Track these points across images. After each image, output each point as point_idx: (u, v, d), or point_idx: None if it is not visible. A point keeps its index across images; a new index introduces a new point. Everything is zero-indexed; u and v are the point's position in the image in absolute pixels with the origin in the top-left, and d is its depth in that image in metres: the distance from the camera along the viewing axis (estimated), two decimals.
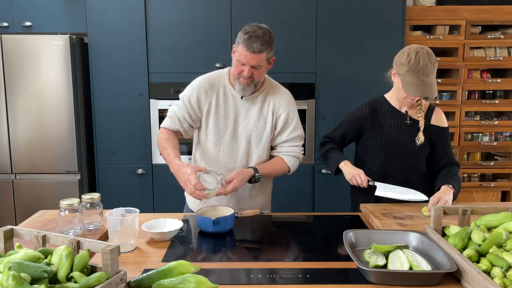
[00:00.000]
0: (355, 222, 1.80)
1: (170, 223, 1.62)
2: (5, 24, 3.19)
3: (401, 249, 1.35)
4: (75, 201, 1.52)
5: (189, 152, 2.32)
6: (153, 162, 3.23)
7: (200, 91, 1.87)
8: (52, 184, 3.17)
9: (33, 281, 0.99)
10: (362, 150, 2.06)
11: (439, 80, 3.37)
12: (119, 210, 1.50)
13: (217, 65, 3.11)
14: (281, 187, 3.27)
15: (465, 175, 3.50)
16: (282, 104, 1.90)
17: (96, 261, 1.19)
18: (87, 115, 3.28)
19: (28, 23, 3.17)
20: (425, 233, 1.45)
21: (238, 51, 1.74)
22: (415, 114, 1.96)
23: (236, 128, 1.89)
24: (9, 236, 1.21)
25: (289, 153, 1.94)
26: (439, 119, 2.00)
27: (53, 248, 1.13)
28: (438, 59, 3.27)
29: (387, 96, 2.02)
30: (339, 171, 1.99)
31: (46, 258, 1.10)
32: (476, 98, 3.47)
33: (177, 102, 1.93)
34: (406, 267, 1.25)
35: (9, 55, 3.04)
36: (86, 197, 1.58)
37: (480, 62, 3.36)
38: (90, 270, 1.12)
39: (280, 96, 1.91)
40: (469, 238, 1.33)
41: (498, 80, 3.38)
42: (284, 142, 1.94)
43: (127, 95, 3.18)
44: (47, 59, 3.04)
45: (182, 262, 1.15)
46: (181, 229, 1.63)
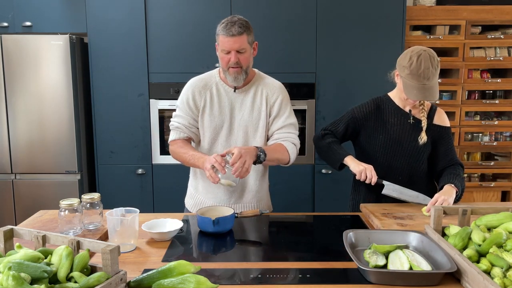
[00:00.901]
0: (355, 222, 1.80)
1: (170, 223, 1.62)
2: (5, 24, 3.19)
3: (401, 249, 1.35)
4: (75, 201, 1.52)
5: None
6: (153, 162, 3.23)
7: (194, 91, 1.92)
8: (52, 184, 3.17)
9: (33, 281, 0.99)
10: (362, 149, 2.05)
11: (439, 80, 3.37)
12: (119, 210, 1.50)
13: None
14: (281, 187, 3.27)
15: (465, 175, 3.49)
16: (275, 92, 1.94)
17: (96, 261, 1.19)
18: (87, 115, 3.28)
19: (28, 23, 3.18)
20: (425, 233, 1.45)
21: (220, 41, 1.80)
22: (418, 114, 1.96)
23: (232, 122, 1.91)
24: (9, 236, 1.21)
25: (287, 139, 1.92)
26: (441, 119, 2.00)
27: (53, 248, 1.13)
28: (438, 59, 3.31)
29: (391, 95, 2.02)
30: (343, 166, 1.96)
31: (46, 258, 1.10)
32: (476, 98, 3.47)
33: (176, 113, 1.96)
34: (406, 267, 1.25)
35: (9, 55, 3.04)
36: (86, 197, 1.58)
37: (480, 62, 3.36)
38: (90, 270, 1.12)
39: (272, 85, 1.95)
40: (469, 238, 1.33)
41: (498, 80, 3.39)
42: (281, 129, 1.93)
43: (127, 95, 3.18)
44: (47, 59, 3.04)
45: (182, 262, 1.15)
46: (181, 229, 1.63)
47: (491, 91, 3.49)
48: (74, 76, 3.10)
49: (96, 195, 1.59)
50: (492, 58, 3.35)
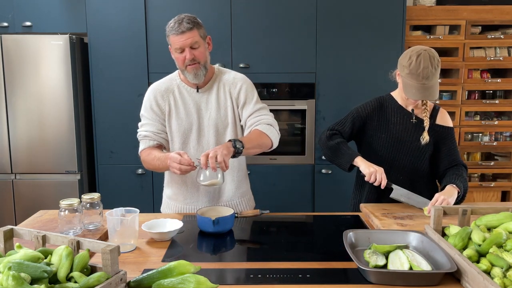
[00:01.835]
0: (355, 222, 1.80)
1: (170, 223, 1.62)
2: (5, 24, 3.19)
3: (401, 249, 1.35)
4: (75, 201, 1.52)
5: None
6: None
7: (156, 95, 1.88)
8: (52, 184, 3.17)
9: (33, 281, 0.99)
10: (365, 148, 2.05)
11: (439, 80, 3.37)
12: (119, 210, 1.50)
13: (217, 65, 3.10)
14: (281, 187, 3.28)
15: None
16: (237, 82, 1.90)
17: (96, 261, 1.19)
18: (87, 115, 3.28)
19: (28, 23, 3.18)
20: (425, 233, 1.45)
21: (172, 41, 1.77)
22: (421, 113, 1.96)
23: (201, 123, 1.87)
24: (9, 236, 1.21)
25: (260, 121, 1.86)
26: (444, 119, 2.00)
27: (53, 248, 1.13)
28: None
29: (394, 94, 2.02)
30: (352, 167, 1.92)
31: (46, 258, 1.10)
32: (476, 98, 3.47)
33: (141, 122, 1.91)
34: (406, 267, 1.25)
35: (9, 55, 3.04)
36: (86, 197, 1.58)
37: (480, 62, 3.36)
38: (90, 270, 1.12)
39: (233, 77, 1.91)
40: (469, 238, 1.33)
41: (498, 80, 3.39)
42: (252, 114, 1.88)
43: (127, 95, 3.18)
44: (47, 59, 3.04)
45: (182, 262, 1.15)
46: (181, 229, 1.63)
47: (491, 91, 3.49)
48: (74, 76, 3.10)
49: (96, 195, 1.59)
50: (492, 58, 3.35)
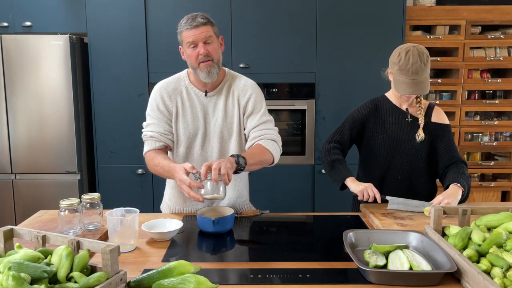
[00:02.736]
0: (355, 222, 1.80)
1: (170, 223, 1.62)
2: (5, 24, 3.19)
3: (401, 249, 1.35)
4: (75, 201, 1.52)
5: None
6: None
7: (163, 95, 1.80)
8: (52, 184, 3.17)
9: (33, 281, 0.99)
10: (364, 150, 2.07)
11: (439, 80, 3.38)
12: (119, 210, 1.50)
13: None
14: (281, 187, 3.28)
15: None
16: (247, 90, 1.83)
17: (96, 261, 1.19)
18: (87, 115, 3.28)
19: (28, 23, 3.18)
20: (425, 233, 1.45)
21: (185, 37, 1.72)
22: (416, 112, 1.98)
23: (207, 128, 1.82)
24: (9, 236, 1.21)
25: (265, 136, 1.80)
26: (440, 117, 2.00)
27: (53, 248, 1.13)
28: (438, 59, 3.32)
29: (388, 95, 2.04)
30: (345, 187, 1.95)
31: (46, 258, 1.10)
32: (476, 98, 3.47)
33: (147, 122, 1.83)
34: (406, 267, 1.25)
35: (9, 55, 3.04)
36: (86, 197, 1.57)
37: (480, 62, 3.37)
38: (90, 270, 1.12)
39: (243, 84, 1.85)
40: (469, 238, 1.33)
41: (498, 80, 3.39)
42: (257, 127, 1.81)
43: (127, 95, 3.18)
44: (47, 59, 3.04)
45: (182, 262, 1.15)
46: (181, 229, 1.63)
47: (491, 91, 3.49)
48: (74, 76, 3.10)
49: (96, 195, 1.59)
50: (492, 58, 3.35)
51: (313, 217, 2.05)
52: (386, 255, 1.33)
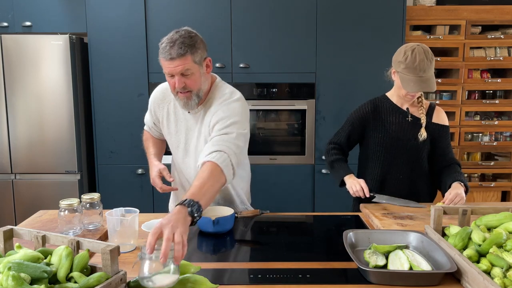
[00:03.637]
0: (355, 222, 1.80)
1: None
2: (5, 24, 3.19)
3: (401, 249, 1.35)
4: (75, 201, 1.52)
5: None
6: None
7: (155, 102, 1.85)
8: (52, 184, 3.17)
9: (33, 281, 0.99)
10: (365, 150, 2.07)
11: (439, 80, 3.37)
12: (119, 210, 1.50)
13: (217, 65, 3.11)
14: (281, 187, 3.28)
15: (465, 175, 3.48)
16: (216, 112, 1.63)
17: (96, 261, 1.19)
18: (87, 115, 3.28)
19: (28, 23, 3.17)
20: (425, 233, 1.45)
21: (162, 64, 1.59)
22: (417, 112, 1.99)
23: (188, 143, 1.78)
24: (9, 236, 1.21)
25: (214, 146, 1.51)
26: (440, 118, 2.02)
27: (53, 248, 1.13)
28: (438, 59, 3.32)
29: (388, 95, 2.05)
30: (344, 184, 1.98)
31: (46, 258, 1.10)
32: (476, 98, 3.47)
33: (147, 112, 1.95)
34: (406, 267, 1.25)
35: (9, 55, 3.04)
36: (86, 197, 1.58)
37: (480, 62, 3.36)
38: (90, 270, 1.12)
39: (217, 101, 1.67)
40: (469, 238, 1.33)
41: (498, 80, 3.38)
42: (214, 138, 1.59)
43: (127, 95, 3.18)
44: (47, 59, 3.04)
45: (182, 262, 1.15)
46: None
47: (491, 91, 3.49)
48: (74, 76, 3.10)
49: (96, 195, 1.59)
50: (492, 58, 3.35)
51: (313, 217, 2.05)
52: (386, 255, 1.33)
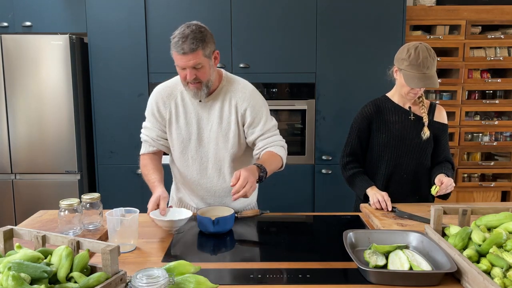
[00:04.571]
0: (355, 222, 1.80)
1: (179, 212, 1.65)
2: (5, 24, 3.19)
3: (401, 249, 1.35)
4: (75, 201, 1.52)
5: None
6: None
7: (158, 101, 1.81)
8: (52, 184, 3.17)
9: (33, 281, 0.99)
10: (371, 151, 2.07)
11: (439, 80, 3.36)
12: (119, 210, 1.50)
13: (217, 65, 3.11)
14: (281, 187, 3.27)
15: (465, 175, 3.49)
16: (245, 99, 1.78)
17: (96, 261, 1.19)
18: (87, 115, 3.28)
19: (28, 23, 3.18)
20: (425, 233, 1.45)
21: (174, 58, 1.66)
22: (418, 111, 2.00)
23: (201, 134, 1.80)
24: (9, 236, 1.21)
25: (273, 143, 1.80)
26: (441, 116, 2.05)
27: (53, 248, 1.13)
28: (438, 59, 3.29)
29: (389, 95, 2.06)
30: (367, 197, 1.96)
31: (46, 258, 1.10)
32: (476, 98, 3.47)
33: (144, 124, 1.87)
34: (406, 267, 1.25)
35: (9, 55, 3.04)
36: (86, 197, 1.58)
37: (480, 62, 3.37)
38: (90, 270, 1.12)
39: (241, 91, 1.80)
40: (469, 238, 1.33)
41: (498, 80, 3.39)
42: (262, 135, 1.80)
43: (127, 95, 3.18)
44: (47, 59, 3.04)
45: (182, 262, 1.15)
46: (181, 229, 1.63)
47: (491, 91, 3.49)
48: (74, 76, 3.10)
49: (96, 195, 1.59)
50: (492, 58, 3.35)
51: (313, 217, 2.05)
52: (386, 255, 1.33)
